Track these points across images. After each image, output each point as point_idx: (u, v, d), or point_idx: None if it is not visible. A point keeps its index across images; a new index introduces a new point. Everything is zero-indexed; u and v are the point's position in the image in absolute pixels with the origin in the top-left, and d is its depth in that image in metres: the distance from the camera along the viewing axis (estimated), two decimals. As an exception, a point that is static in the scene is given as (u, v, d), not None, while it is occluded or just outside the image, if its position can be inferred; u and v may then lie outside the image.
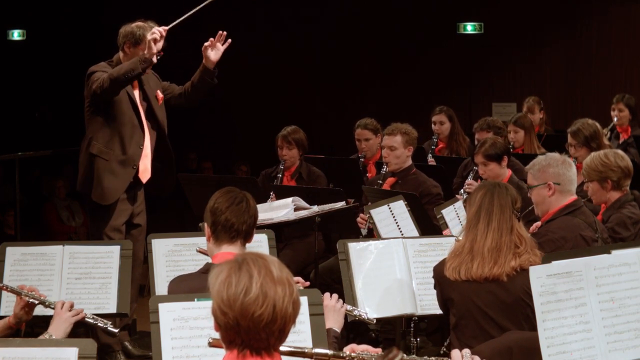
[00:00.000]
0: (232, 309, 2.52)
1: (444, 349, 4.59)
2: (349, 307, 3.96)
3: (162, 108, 6.25)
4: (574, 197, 5.00)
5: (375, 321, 4.27)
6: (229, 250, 3.73)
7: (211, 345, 2.72)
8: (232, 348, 2.58)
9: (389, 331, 6.04)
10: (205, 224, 3.83)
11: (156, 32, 5.74)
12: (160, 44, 5.78)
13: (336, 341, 3.60)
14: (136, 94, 6.06)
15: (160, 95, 6.19)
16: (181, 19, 5.89)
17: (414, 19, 13.14)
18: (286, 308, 2.54)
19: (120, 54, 6.04)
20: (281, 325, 2.55)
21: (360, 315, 4.18)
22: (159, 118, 6.18)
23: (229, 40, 6.09)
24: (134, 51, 5.94)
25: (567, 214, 4.89)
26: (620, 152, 5.61)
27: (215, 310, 2.56)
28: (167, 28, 5.81)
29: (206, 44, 6.07)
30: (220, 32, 6.06)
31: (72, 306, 3.93)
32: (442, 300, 4.29)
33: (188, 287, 3.73)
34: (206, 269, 3.76)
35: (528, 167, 5.13)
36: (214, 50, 6.08)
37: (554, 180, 4.93)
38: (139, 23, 6.01)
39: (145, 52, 5.75)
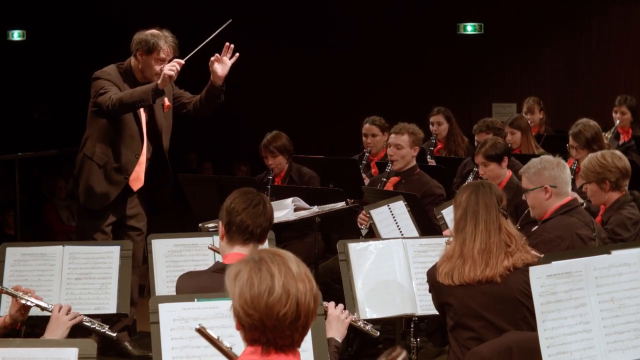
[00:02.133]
0: (257, 309, 2.53)
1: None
2: (353, 318, 3.95)
3: (168, 116, 6.16)
4: (570, 197, 4.99)
5: (378, 334, 4.26)
6: (241, 251, 3.70)
7: (198, 330, 2.74)
8: (255, 345, 2.60)
9: (389, 331, 6.05)
10: (220, 222, 3.81)
11: (173, 68, 5.60)
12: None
13: (337, 351, 3.59)
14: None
15: (167, 103, 6.06)
16: (197, 48, 5.74)
17: (414, 19, 13.15)
18: (309, 303, 2.58)
19: (132, 59, 5.98)
20: (305, 321, 2.58)
21: (364, 327, 4.16)
22: (159, 127, 6.11)
23: (237, 55, 5.88)
24: (146, 59, 5.89)
25: (563, 213, 4.88)
26: (618, 152, 5.61)
27: (238, 311, 2.57)
28: (182, 62, 5.68)
29: (212, 58, 5.86)
30: (227, 44, 5.87)
31: (69, 310, 3.92)
32: (438, 304, 4.29)
33: (197, 284, 3.71)
34: (217, 268, 3.75)
35: (522, 171, 5.11)
36: (221, 65, 5.86)
37: (550, 184, 4.91)
38: (154, 31, 5.92)
39: (159, 83, 5.62)
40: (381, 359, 2.46)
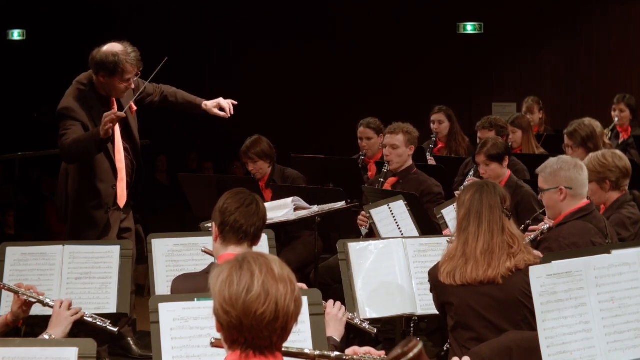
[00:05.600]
0: (235, 307, 2.52)
1: (448, 346, 4.58)
2: (349, 316, 3.96)
3: (135, 119, 6.00)
4: (586, 200, 4.96)
5: (375, 331, 4.27)
6: (236, 251, 3.69)
7: (214, 345, 2.72)
8: (234, 348, 2.58)
9: (389, 331, 6.04)
10: (213, 224, 3.81)
11: (112, 120, 5.43)
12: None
13: (335, 350, 3.59)
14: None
15: (134, 107, 5.90)
16: (140, 92, 5.67)
17: (414, 19, 13.15)
18: (288, 306, 2.55)
19: (94, 77, 5.72)
20: (283, 323, 2.55)
21: (361, 325, 4.17)
22: (134, 135, 5.94)
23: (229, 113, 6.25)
24: (109, 81, 5.66)
25: (579, 218, 4.85)
26: (618, 152, 5.60)
27: (217, 310, 2.57)
28: (122, 114, 5.51)
29: (224, 105, 6.19)
30: (234, 104, 6.24)
31: (70, 305, 3.93)
32: (439, 304, 4.28)
33: (191, 286, 3.72)
34: (210, 270, 3.74)
35: (539, 170, 5.07)
36: (220, 112, 6.20)
37: (565, 185, 4.86)
38: (114, 49, 5.64)
39: (102, 134, 5.45)
40: (397, 350, 2.44)
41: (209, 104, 6.23)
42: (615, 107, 8.83)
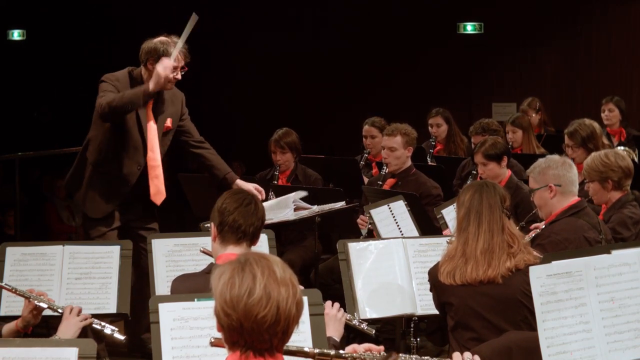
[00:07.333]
0: (236, 310, 2.52)
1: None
2: (348, 317, 3.96)
3: (165, 139, 6.00)
4: (577, 198, 4.99)
5: (374, 332, 4.27)
6: (235, 251, 3.71)
7: (213, 344, 2.72)
8: (234, 349, 2.58)
9: (389, 331, 6.04)
10: (212, 224, 3.82)
11: (169, 69, 5.56)
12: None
13: (335, 350, 3.59)
14: (147, 114, 5.83)
15: (168, 124, 5.95)
16: (176, 50, 5.70)
17: (414, 18, 13.15)
18: (290, 309, 2.54)
19: (142, 69, 5.80)
20: (285, 326, 2.55)
21: (359, 326, 4.17)
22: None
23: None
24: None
25: (571, 215, 4.88)
26: (620, 152, 5.62)
27: (218, 311, 2.56)
28: (174, 63, 5.62)
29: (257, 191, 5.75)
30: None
31: (80, 311, 3.94)
32: (439, 303, 4.29)
33: (191, 286, 3.72)
34: (210, 270, 3.75)
35: (529, 171, 5.12)
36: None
37: (554, 182, 4.92)
38: (162, 38, 5.78)
39: (151, 86, 5.56)
40: None
41: (240, 184, 6.03)
42: (604, 108, 8.80)
